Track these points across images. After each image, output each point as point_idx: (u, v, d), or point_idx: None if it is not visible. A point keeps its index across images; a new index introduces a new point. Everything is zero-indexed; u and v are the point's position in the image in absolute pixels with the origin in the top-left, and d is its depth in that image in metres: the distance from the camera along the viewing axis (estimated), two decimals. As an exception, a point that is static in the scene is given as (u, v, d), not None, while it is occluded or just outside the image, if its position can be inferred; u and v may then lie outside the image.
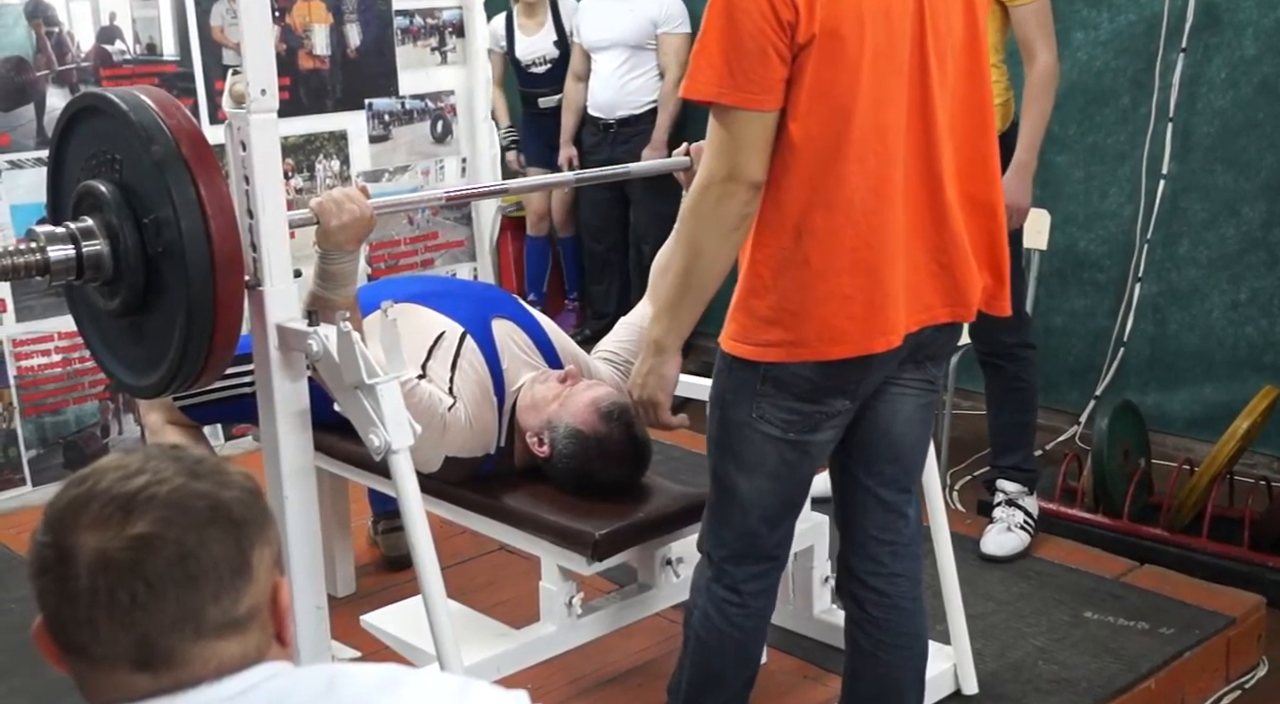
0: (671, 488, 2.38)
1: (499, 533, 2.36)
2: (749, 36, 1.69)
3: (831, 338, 1.79)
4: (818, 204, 1.75)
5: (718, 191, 1.74)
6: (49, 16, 3.45)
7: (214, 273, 1.80)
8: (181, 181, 1.78)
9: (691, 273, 1.81)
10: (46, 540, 0.96)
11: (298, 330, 1.93)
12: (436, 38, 4.18)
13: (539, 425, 2.29)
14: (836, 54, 1.70)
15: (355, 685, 1.01)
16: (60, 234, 1.86)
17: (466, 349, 2.33)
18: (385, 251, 4.17)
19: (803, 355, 1.80)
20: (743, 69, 1.70)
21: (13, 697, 2.62)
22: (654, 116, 4.70)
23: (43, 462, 3.59)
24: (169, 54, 3.65)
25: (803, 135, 1.73)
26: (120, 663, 0.95)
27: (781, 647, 2.73)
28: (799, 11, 1.68)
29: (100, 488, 0.96)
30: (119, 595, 0.93)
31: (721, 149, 1.74)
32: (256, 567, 0.99)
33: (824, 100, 1.72)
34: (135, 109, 1.82)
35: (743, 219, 1.76)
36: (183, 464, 0.99)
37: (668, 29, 4.66)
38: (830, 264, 1.77)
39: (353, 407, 1.88)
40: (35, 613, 0.98)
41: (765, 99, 1.71)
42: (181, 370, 1.88)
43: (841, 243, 1.76)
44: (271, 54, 1.92)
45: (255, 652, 0.99)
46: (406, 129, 4.14)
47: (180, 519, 0.95)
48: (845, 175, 1.75)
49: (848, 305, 1.78)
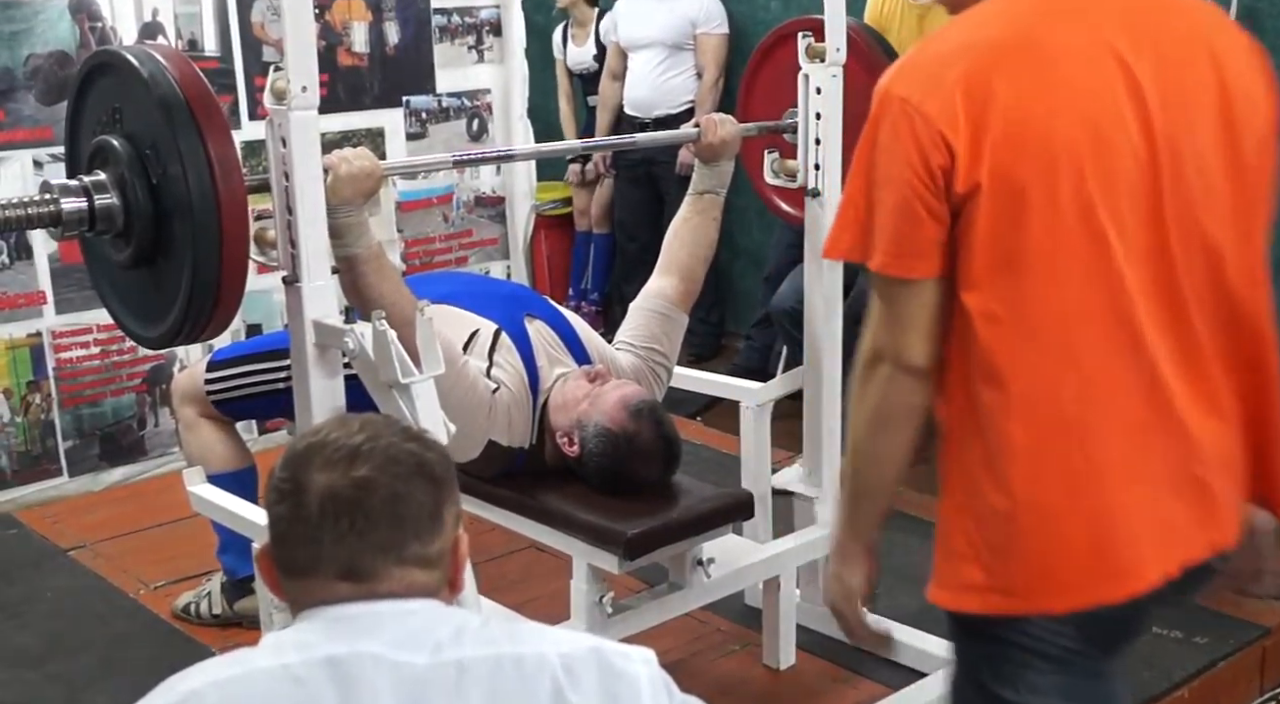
0: (704, 488, 2.38)
1: (530, 530, 2.37)
2: (892, 187, 1.34)
3: (1047, 584, 1.38)
4: (1013, 406, 1.35)
5: (872, 374, 1.40)
6: (92, 12, 3.48)
7: (220, 224, 1.80)
8: (187, 133, 1.79)
9: (857, 471, 1.47)
10: (285, 475, 1.18)
11: (334, 327, 1.93)
12: (474, 36, 4.20)
13: (569, 425, 2.30)
14: (1017, 208, 1.31)
15: (509, 621, 1.27)
16: (74, 187, 1.88)
17: (502, 346, 2.34)
18: (420, 249, 4.19)
19: (1015, 607, 1.39)
20: (888, 226, 1.35)
21: (48, 683, 2.66)
22: (691, 116, 4.65)
23: (79, 452, 3.63)
24: (210, 50, 3.68)
25: (981, 312, 1.34)
26: (331, 574, 1.16)
27: (811, 649, 2.73)
28: (955, 156, 1.30)
29: (330, 439, 1.18)
30: (342, 521, 1.15)
31: (875, 323, 1.41)
32: (446, 518, 1.20)
33: (1005, 268, 1.32)
34: (143, 62, 1.84)
35: (910, 412, 1.39)
36: (394, 428, 1.22)
37: (706, 29, 4.66)
38: (1039, 486, 1.36)
39: (388, 405, 1.88)
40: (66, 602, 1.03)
41: (917, 264, 1.35)
42: (187, 321, 1.90)
43: (1050, 458, 1.35)
44: (313, 51, 1.92)
45: (435, 585, 1.19)
46: (443, 126, 4.16)
47: (393, 469, 1.17)
48: (1046, 368, 1.34)
49: (1066, 539, 1.37)
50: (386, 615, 1.15)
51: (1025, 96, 1.31)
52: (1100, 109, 1.33)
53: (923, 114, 1.32)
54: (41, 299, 3.50)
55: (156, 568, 3.10)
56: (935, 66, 1.35)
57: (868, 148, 1.37)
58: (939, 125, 1.31)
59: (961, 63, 1.33)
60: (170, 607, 2.93)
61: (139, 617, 2.95)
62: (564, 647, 1.16)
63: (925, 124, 1.32)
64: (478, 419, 2.20)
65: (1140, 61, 1.34)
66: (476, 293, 2.52)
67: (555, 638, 1.18)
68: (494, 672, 1.13)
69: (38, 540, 3.35)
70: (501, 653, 1.14)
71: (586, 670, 1.15)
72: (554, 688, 1.13)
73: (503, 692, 1.12)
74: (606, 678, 1.15)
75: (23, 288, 3.47)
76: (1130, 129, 1.33)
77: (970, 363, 1.36)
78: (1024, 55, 1.33)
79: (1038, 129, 1.31)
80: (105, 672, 2.68)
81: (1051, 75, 1.33)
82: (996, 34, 1.36)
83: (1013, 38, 1.35)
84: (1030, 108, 1.31)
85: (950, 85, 1.32)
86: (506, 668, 1.13)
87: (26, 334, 3.49)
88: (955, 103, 1.31)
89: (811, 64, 2.55)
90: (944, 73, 1.33)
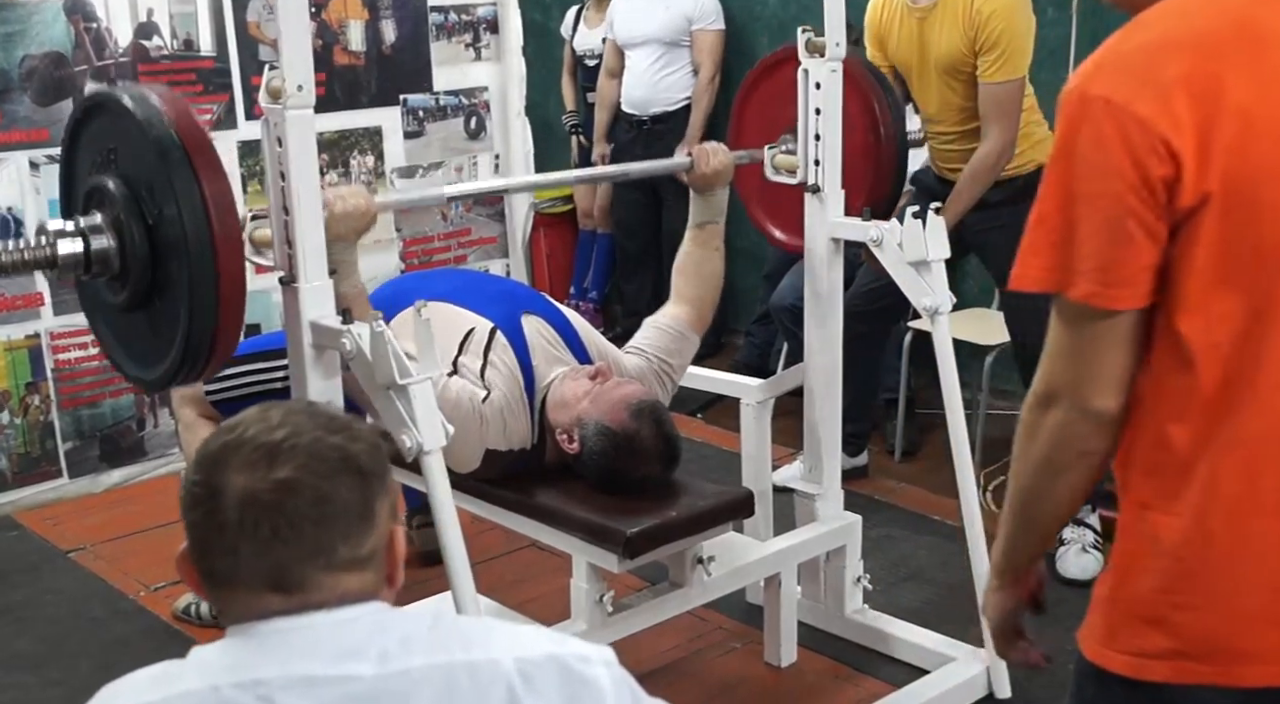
0: (704, 487, 2.37)
1: (530, 530, 2.37)
2: (1099, 203, 1.17)
3: (1244, 652, 1.23)
4: (1226, 446, 1.20)
5: (1043, 416, 1.25)
6: (87, 12, 3.48)
7: (216, 267, 1.80)
8: (182, 174, 1.78)
9: (1022, 511, 1.34)
10: (198, 479, 1.09)
11: (332, 328, 1.93)
12: (471, 34, 4.19)
13: (569, 422, 2.29)
14: (1252, 218, 1.15)
15: (460, 625, 1.16)
16: (69, 230, 1.88)
17: (497, 345, 2.34)
18: (419, 247, 4.19)
19: (1201, 676, 1.24)
20: (1089, 250, 1.18)
21: (47, 688, 2.66)
22: (688, 114, 4.69)
23: (79, 454, 3.62)
24: (206, 50, 3.68)
25: (1200, 338, 1.18)
26: (256, 585, 1.07)
27: (813, 646, 2.73)
28: (1182, 164, 1.14)
29: (248, 436, 1.08)
30: (262, 528, 1.05)
31: (1055, 358, 1.24)
32: (379, 513, 1.11)
33: (1233, 288, 1.17)
34: (139, 104, 1.83)
35: (1081, 457, 1.26)
36: (317, 420, 1.11)
37: (702, 25, 4.65)
38: (1249, 537, 1.21)
39: (385, 406, 1.88)
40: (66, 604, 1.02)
41: (1120, 294, 1.19)
42: (184, 364, 1.89)
43: (1268, 505, 1.21)
44: (309, 50, 1.91)
45: (372, 587, 1.12)
46: (440, 125, 4.16)
47: (317, 467, 1.07)
48: (1271, 404, 1.19)
49: (1274, 604, 1.22)
50: (323, 628, 1.07)
51: (1257, 92, 1.15)
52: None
53: (1136, 117, 1.14)
54: (40, 301, 3.49)
55: (156, 569, 3.09)
56: (1144, 62, 1.17)
57: (1062, 159, 1.19)
58: (1160, 129, 1.14)
59: (1178, 58, 1.16)
60: (170, 608, 2.93)
61: (139, 618, 2.95)
62: (519, 651, 1.10)
63: (1140, 129, 1.14)
64: (470, 433, 2.20)
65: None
66: (473, 290, 2.52)
67: (510, 642, 1.11)
68: (446, 681, 1.07)
69: (38, 542, 3.35)
70: (453, 660, 1.08)
71: (545, 677, 1.09)
72: (510, 697, 1.07)
73: (456, 703, 1.06)
74: (567, 684, 1.09)
75: (21, 289, 3.47)
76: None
77: (1174, 399, 1.21)
78: (1249, 46, 1.16)
79: (1272, 128, 1.15)
80: (105, 674, 2.66)
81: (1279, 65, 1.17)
82: (1210, 24, 1.18)
83: (1230, 27, 1.18)
84: (1264, 105, 1.15)
85: (1167, 82, 1.15)
86: (459, 677, 1.07)
87: (25, 336, 3.49)
88: (1176, 102, 1.14)
89: (811, 59, 2.54)
90: (1157, 69, 1.15)
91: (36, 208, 3.43)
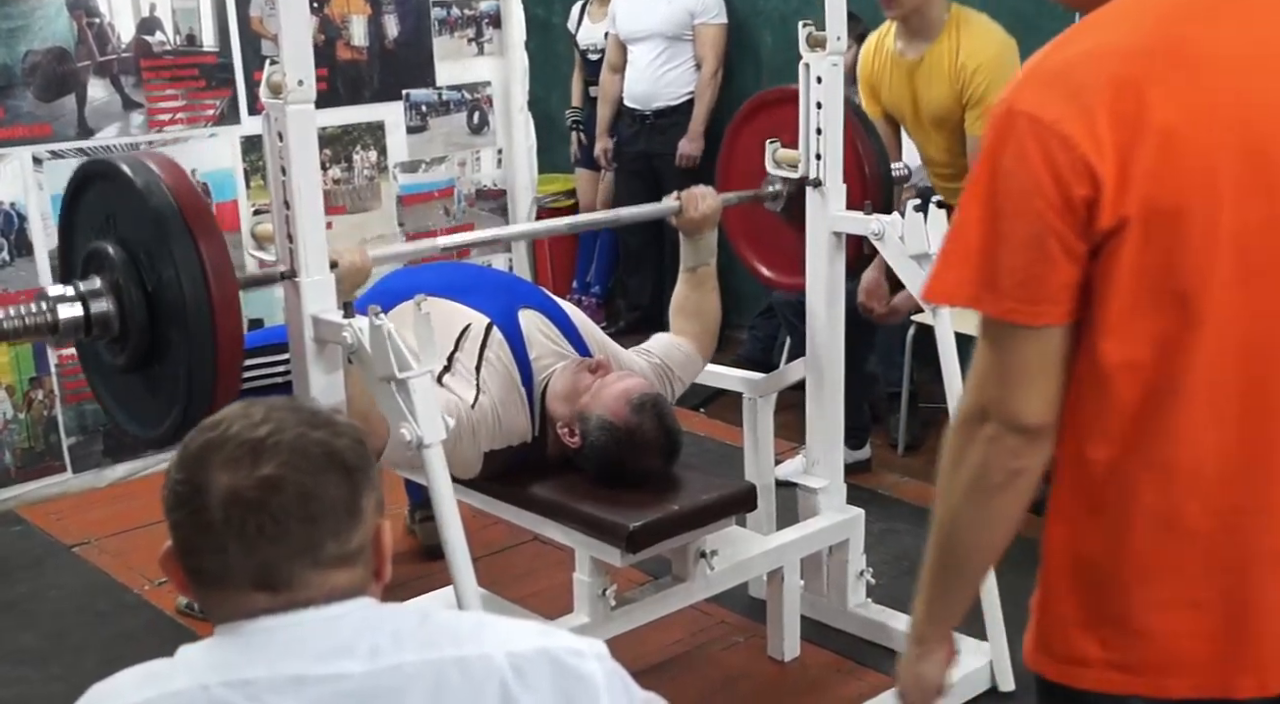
0: (707, 481, 2.38)
1: (533, 524, 2.38)
2: (1021, 221, 1.15)
3: (1167, 664, 1.22)
4: (1144, 466, 1.19)
5: (972, 435, 1.22)
6: (90, 8, 3.48)
7: (214, 329, 1.84)
8: (181, 242, 1.82)
9: (947, 546, 1.28)
10: (181, 477, 1.08)
11: (333, 322, 1.93)
12: (473, 29, 4.19)
13: (570, 416, 2.30)
14: (1171, 244, 1.13)
15: (450, 620, 1.14)
16: (69, 294, 1.91)
17: (493, 341, 2.34)
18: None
19: (1125, 685, 1.24)
20: (1011, 266, 1.16)
21: (50, 683, 2.67)
22: (690, 108, 4.69)
23: (83, 449, 3.62)
24: (208, 45, 3.67)
25: (1118, 361, 1.17)
26: (243, 584, 1.07)
27: (816, 640, 2.74)
28: (1101, 186, 1.12)
29: (231, 433, 1.07)
30: (248, 526, 1.05)
31: (981, 374, 1.22)
32: (365, 508, 1.10)
33: (1152, 312, 1.15)
34: (137, 172, 1.87)
35: (1011, 476, 1.21)
36: (300, 415, 1.10)
37: (705, 19, 4.65)
38: (1167, 556, 1.21)
39: (385, 400, 1.88)
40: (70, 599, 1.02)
41: (1042, 311, 1.17)
42: (185, 423, 1.91)
43: (1184, 525, 1.20)
44: (309, 45, 1.92)
45: (360, 583, 1.11)
46: (443, 120, 4.16)
47: (301, 464, 1.07)
48: (1190, 425, 1.17)
49: (1196, 616, 1.21)
50: (311, 626, 1.07)
51: (1182, 113, 1.12)
52: (1270, 128, 1.14)
53: (1059, 135, 1.12)
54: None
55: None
56: (1068, 77, 1.14)
57: (985, 174, 1.17)
58: (1082, 149, 1.12)
59: (1102, 72, 1.13)
60: (174, 602, 2.95)
61: (143, 613, 2.97)
62: (511, 645, 1.09)
63: (1063, 148, 1.12)
64: (464, 443, 2.20)
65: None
66: (469, 285, 2.52)
67: (501, 636, 1.10)
68: (437, 677, 1.06)
69: (42, 537, 3.38)
70: (444, 656, 1.07)
71: (538, 671, 1.08)
72: (503, 692, 1.06)
73: (448, 699, 1.05)
74: (560, 679, 1.08)
75: (24, 284, 3.46)
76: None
77: (1096, 419, 1.20)
78: (1176, 63, 1.13)
79: (1197, 152, 1.12)
80: (109, 668, 2.68)
81: (1209, 86, 1.13)
82: (1142, 40, 1.15)
83: (1161, 42, 1.15)
84: (1188, 127, 1.12)
85: (1091, 100, 1.12)
86: (450, 673, 1.06)
87: (28, 331, 3.50)
88: (1099, 121, 1.11)
89: (812, 53, 2.54)
90: (1084, 87, 1.13)
91: (39, 203, 3.43)
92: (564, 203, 5.31)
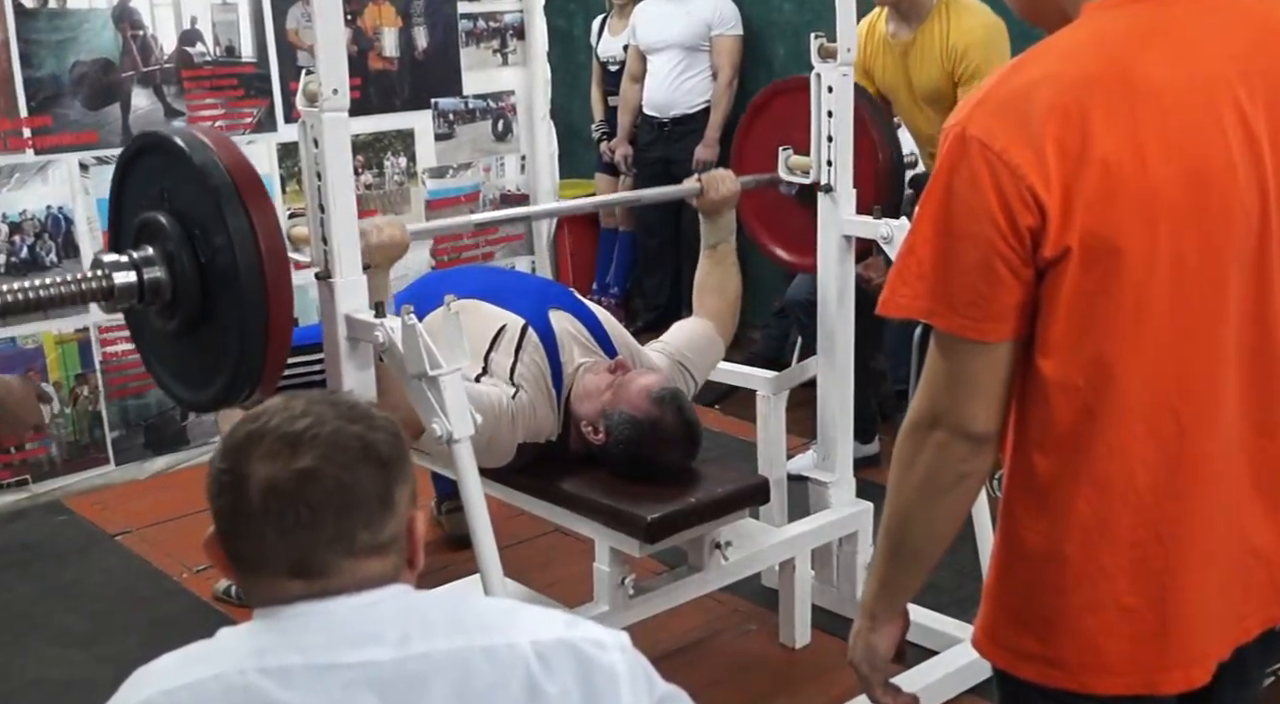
0: (722, 474, 2.44)
1: (555, 515, 2.44)
2: (970, 243, 1.18)
3: (1097, 663, 1.27)
4: (1080, 478, 1.24)
5: (923, 439, 1.27)
6: (135, 20, 3.59)
7: (266, 296, 1.88)
8: (237, 218, 1.86)
9: (899, 537, 1.34)
10: (224, 467, 1.11)
11: (365, 321, 1.98)
12: (498, 39, 4.29)
13: (594, 414, 2.36)
14: (1109, 273, 1.17)
15: (479, 609, 1.17)
16: (124, 262, 1.95)
17: (528, 342, 2.40)
18: (449, 245, 4.29)
19: (1058, 680, 1.29)
20: (961, 285, 1.20)
21: (96, 664, 2.75)
22: (707, 116, 4.78)
23: (125, 442, 3.74)
24: (247, 56, 3.78)
25: (1057, 379, 1.21)
26: (279, 570, 1.10)
27: (826, 628, 2.78)
28: (1047, 216, 1.15)
29: (271, 426, 1.11)
30: (285, 515, 1.08)
31: (933, 383, 1.26)
32: (399, 501, 1.13)
33: (1089, 336, 1.19)
34: (194, 149, 1.91)
35: (960, 479, 1.28)
36: (339, 409, 1.13)
37: (721, 31, 4.75)
38: (1099, 562, 1.25)
39: (417, 396, 1.94)
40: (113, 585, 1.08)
41: (990, 328, 1.21)
42: (233, 387, 1.98)
43: (1116, 535, 1.24)
44: (344, 55, 1.97)
45: (393, 571, 1.13)
46: (470, 127, 4.26)
47: (338, 456, 1.09)
48: (1122, 442, 1.22)
49: (1125, 619, 1.26)
50: (344, 613, 1.09)
51: (1123, 144, 1.15)
52: (1208, 157, 1.17)
53: (1008, 165, 1.15)
54: (87, 296, 3.62)
55: (198, 552, 3.07)
56: (1018, 106, 1.17)
57: (939, 194, 1.21)
58: (1030, 180, 1.15)
59: (1053, 105, 1.16)
60: (212, 589, 3.02)
61: (182, 599, 3.04)
62: (536, 635, 1.10)
63: (1012, 177, 1.15)
64: (503, 432, 2.27)
65: (1253, 99, 1.19)
66: (503, 288, 2.59)
67: (528, 626, 1.12)
68: (465, 665, 1.07)
69: (86, 526, 3.45)
70: (472, 645, 1.08)
71: (562, 661, 1.10)
72: (528, 680, 1.08)
73: (475, 686, 1.07)
74: (583, 669, 1.10)
75: (69, 285, 3.59)
76: (1240, 179, 1.19)
77: (1037, 432, 1.25)
78: (1120, 94, 1.16)
79: (1136, 184, 1.15)
80: (150, 652, 2.76)
81: (1152, 117, 1.16)
82: (1091, 69, 1.18)
83: (1107, 72, 1.17)
84: (1129, 158, 1.15)
85: (1039, 129, 1.15)
86: (477, 661, 1.08)
87: (74, 329, 3.60)
88: (1046, 152, 1.15)
89: (824, 64, 2.61)
90: (1032, 116, 1.16)
91: (85, 207, 3.55)
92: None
